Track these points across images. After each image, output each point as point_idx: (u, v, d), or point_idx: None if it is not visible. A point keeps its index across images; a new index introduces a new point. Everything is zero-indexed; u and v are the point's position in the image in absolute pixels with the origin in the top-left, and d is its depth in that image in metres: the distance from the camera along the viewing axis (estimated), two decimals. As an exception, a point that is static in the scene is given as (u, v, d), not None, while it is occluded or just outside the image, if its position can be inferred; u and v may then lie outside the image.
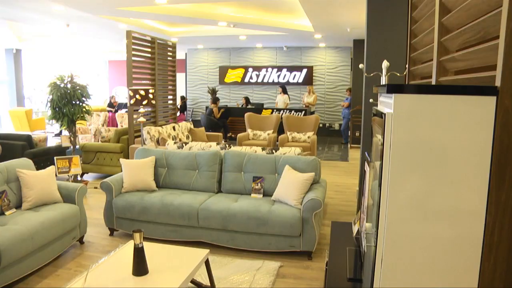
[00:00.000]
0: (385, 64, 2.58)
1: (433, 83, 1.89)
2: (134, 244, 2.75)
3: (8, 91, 14.66)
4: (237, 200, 4.35)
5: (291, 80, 13.74)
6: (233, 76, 14.34)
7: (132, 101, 6.32)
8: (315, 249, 4.04)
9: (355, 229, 2.68)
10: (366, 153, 2.40)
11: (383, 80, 2.57)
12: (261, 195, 4.50)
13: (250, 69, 14.09)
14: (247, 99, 12.92)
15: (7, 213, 3.86)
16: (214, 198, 4.42)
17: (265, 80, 14.02)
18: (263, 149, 4.98)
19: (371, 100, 4.21)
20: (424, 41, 2.24)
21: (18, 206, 4.07)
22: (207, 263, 3.21)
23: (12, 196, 4.02)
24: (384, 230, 1.39)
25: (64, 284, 3.48)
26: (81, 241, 4.42)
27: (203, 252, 3.15)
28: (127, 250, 3.17)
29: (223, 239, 4.22)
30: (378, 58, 3.32)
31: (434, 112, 1.30)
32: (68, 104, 6.33)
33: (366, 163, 2.24)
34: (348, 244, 2.59)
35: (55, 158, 6.08)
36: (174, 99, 9.19)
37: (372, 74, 2.99)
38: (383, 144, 1.38)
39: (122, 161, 4.76)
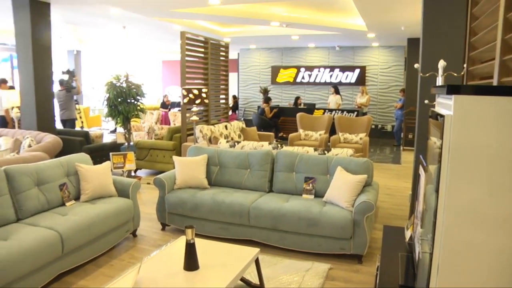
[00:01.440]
0: (441, 63, 2.46)
1: (495, 83, 1.79)
2: (186, 239, 2.78)
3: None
4: (288, 200, 4.32)
5: (343, 80, 13.52)
6: (285, 76, 14.31)
7: (185, 100, 6.43)
8: (366, 253, 3.93)
9: (407, 234, 2.59)
10: (420, 156, 2.31)
11: (439, 81, 2.45)
12: (313, 196, 4.44)
13: (302, 69, 14.00)
14: (296, 99, 12.84)
15: (67, 204, 4.07)
16: (265, 198, 4.41)
17: (317, 80, 13.88)
18: (315, 150, 4.92)
19: (426, 101, 4.04)
20: (485, 39, 2.12)
21: (77, 198, 4.27)
22: (257, 262, 3.20)
23: (71, 189, 4.22)
24: (441, 237, 1.32)
25: (118, 274, 3.61)
26: (134, 234, 4.55)
27: (253, 251, 3.15)
28: (178, 245, 3.22)
29: (273, 239, 4.19)
30: (434, 58, 3.18)
31: (496, 114, 1.22)
32: (123, 102, 6.55)
33: (420, 166, 2.15)
34: (400, 249, 2.51)
35: (110, 154, 6.30)
36: (227, 98, 9.29)
37: (427, 74, 2.86)
38: (441, 148, 1.31)
39: (175, 158, 4.85)
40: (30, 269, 3.15)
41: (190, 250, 2.79)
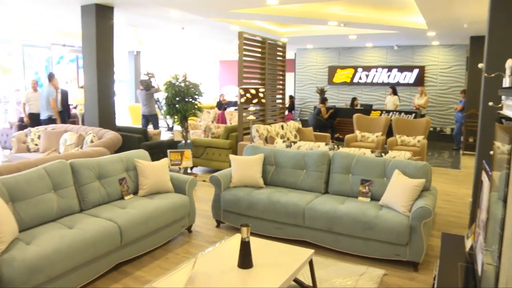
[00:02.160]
0: (509, 63, 2.29)
1: None
2: (241, 237, 2.79)
3: (128, 89, 16.02)
4: (343, 202, 4.23)
5: (401, 81, 13.09)
6: (342, 76, 14.07)
7: (242, 100, 6.47)
8: (422, 261, 3.76)
9: (468, 243, 2.46)
10: (484, 162, 2.17)
11: (507, 82, 2.28)
12: (369, 199, 4.32)
13: (360, 69, 13.70)
14: (353, 100, 12.59)
15: (126, 198, 4.22)
16: (320, 199, 4.35)
17: (375, 81, 13.52)
18: (372, 152, 4.79)
19: (491, 104, 3.79)
20: None
21: (135, 192, 4.42)
22: (310, 263, 3.15)
23: (130, 183, 4.37)
24: (510, 250, 1.21)
25: (173, 267, 3.71)
26: (189, 229, 4.63)
27: (307, 252, 3.11)
28: (233, 242, 3.23)
29: (327, 241, 4.12)
30: (501, 57, 2.98)
31: None
32: (181, 101, 6.69)
33: (483, 172, 2.02)
34: (459, 259, 2.38)
35: (168, 151, 6.46)
36: (283, 98, 9.27)
37: (493, 75, 2.67)
38: (509, 153, 1.21)
39: (232, 157, 4.89)
40: (92, 256, 3.32)
41: (245, 248, 2.80)
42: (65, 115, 9.02)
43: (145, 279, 3.56)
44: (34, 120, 8.77)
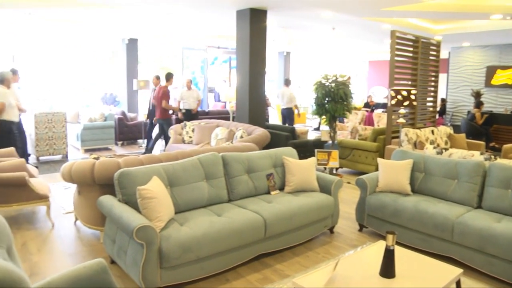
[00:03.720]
0: None
1: None
2: (386, 245, 2.68)
3: (277, 88, 16.54)
4: (500, 221, 3.75)
5: None
6: (502, 77, 12.50)
7: (393, 102, 6.23)
8: None
9: None
10: None
11: None
12: (534, 220, 3.77)
13: (526, 70, 12.08)
14: None
15: (272, 193, 4.39)
16: (472, 213, 3.93)
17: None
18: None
19: None
20: None
21: (281, 188, 4.56)
22: (458, 284, 2.90)
23: (277, 179, 4.53)
24: None
25: (313, 266, 3.75)
26: (331, 230, 4.62)
27: (455, 271, 2.84)
28: (375, 249, 3.14)
29: (478, 262, 3.69)
30: None
31: None
32: (331, 101, 6.69)
33: None
34: None
35: (315, 150, 6.52)
36: (435, 101, 8.67)
37: None
38: None
39: (380, 160, 4.73)
40: (237, 244, 3.54)
41: (389, 256, 2.69)
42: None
43: (284, 273, 3.66)
44: (188, 115, 9.63)
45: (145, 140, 10.02)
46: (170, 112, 9.05)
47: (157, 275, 3.11)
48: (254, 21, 7.35)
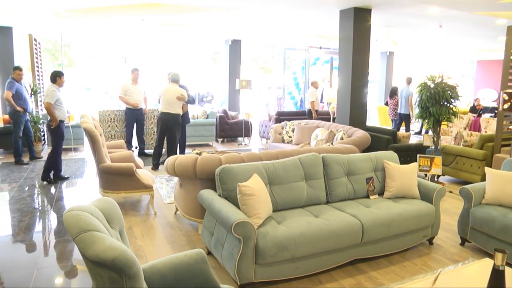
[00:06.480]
0: None
1: None
2: (494, 264, 2.48)
3: (378, 89, 16.11)
4: None
5: None
6: None
7: (505, 106, 5.76)
8: None
9: None
10: None
11: None
12: None
13: None
14: None
15: (371, 197, 4.31)
16: None
17: None
18: None
19: None
20: None
21: (380, 193, 4.44)
22: None
23: (377, 183, 4.43)
24: None
25: (409, 277, 3.58)
26: (430, 241, 4.40)
27: None
28: (480, 267, 2.92)
29: None
30: None
31: None
32: (435, 104, 6.36)
33: None
34: None
35: (418, 155, 6.25)
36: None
37: None
38: None
39: (488, 170, 4.40)
40: (332, 247, 3.53)
41: (497, 278, 2.44)
42: None
43: (379, 281, 3.57)
44: (131, 114, 8.95)
45: (245, 138, 10.30)
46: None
47: (251, 270, 3.22)
48: (358, 21, 7.24)
